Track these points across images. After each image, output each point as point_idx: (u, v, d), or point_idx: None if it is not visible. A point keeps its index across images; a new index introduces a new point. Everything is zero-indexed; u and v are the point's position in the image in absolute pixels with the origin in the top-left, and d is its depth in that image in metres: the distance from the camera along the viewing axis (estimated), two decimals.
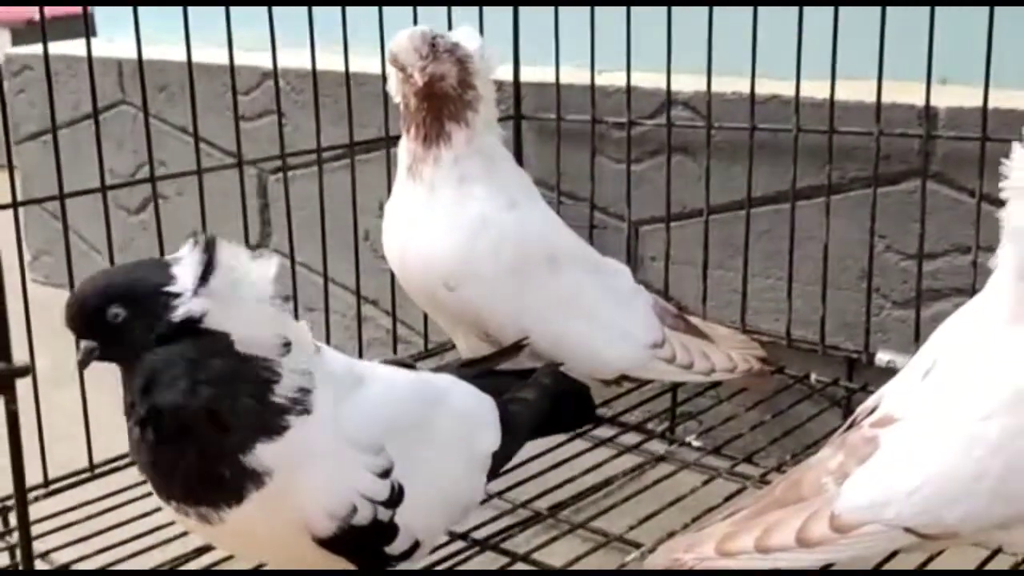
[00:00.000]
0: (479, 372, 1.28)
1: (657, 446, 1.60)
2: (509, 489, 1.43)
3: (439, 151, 1.45)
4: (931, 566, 1.18)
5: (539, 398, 1.26)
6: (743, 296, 1.67)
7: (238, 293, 0.98)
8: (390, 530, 1.06)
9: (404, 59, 1.42)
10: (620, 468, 1.49)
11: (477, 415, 1.19)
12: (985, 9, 1.39)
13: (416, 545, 1.09)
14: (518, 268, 1.44)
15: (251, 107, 2.10)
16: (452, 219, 1.43)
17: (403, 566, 1.10)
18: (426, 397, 1.15)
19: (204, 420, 0.96)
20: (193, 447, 0.97)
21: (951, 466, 1.04)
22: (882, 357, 1.58)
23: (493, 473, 1.20)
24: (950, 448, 1.04)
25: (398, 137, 1.58)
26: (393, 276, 1.65)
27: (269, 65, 1.56)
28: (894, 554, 1.14)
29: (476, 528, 1.34)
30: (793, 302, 1.63)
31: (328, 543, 1.03)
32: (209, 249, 0.97)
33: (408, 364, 1.26)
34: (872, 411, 1.13)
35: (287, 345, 1.00)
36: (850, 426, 1.14)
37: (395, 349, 1.82)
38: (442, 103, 1.45)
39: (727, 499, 1.35)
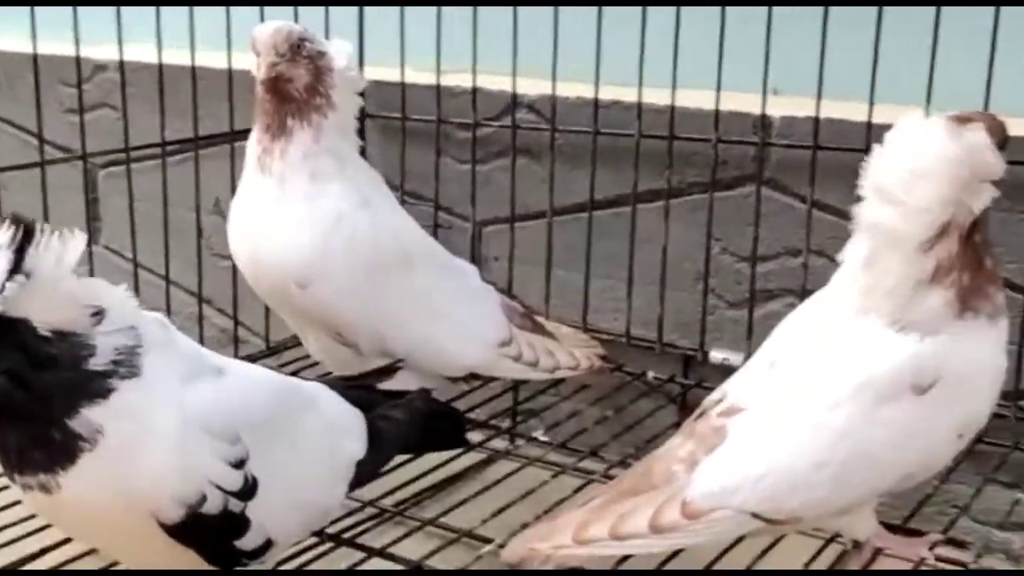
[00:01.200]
0: (351, 387, 1.28)
1: (501, 443, 1.63)
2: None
3: (286, 145, 1.45)
4: (773, 551, 1.24)
5: (410, 418, 1.26)
6: (585, 296, 1.72)
7: (38, 278, 0.95)
8: (241, 523, 1.05)
9: (259, 47, 1.43)
10: (465, 465, 1.52)
11: (342, 424, 1.19)
12: (818, 23, 1.48)
13: (269, 543, 1.09)
14: (372, 266, 1.45)
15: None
16: (305, 215, 1.43)
17: (254, 564, 1.10)
18: (290, 398, 1.15)
19: (22, 401, 0.95)
20: (20, 422, 0.97)
21: (796, 454, 1.10)
22: (716, 355, 1.65)
23: (357, 483, 1.20)
24: (795, 437, 1.10)
25: (242, 132, 1.57)
26: (234, 273, 1.64)
27: (100, 57, 1.53)
28: (741, 539, 1.20)
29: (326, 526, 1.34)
30: (633, 302, 1.69)
31: (175, 531, 1.01)
32: (16, 241, 0.95)
33: None
34: (719, 402, 1.18)
35: (98, 314, 0.99)
36: (699, 416, 1.19)
37: (236, 349, 1.80)
38: (285, 101, 1.46)
39: (574, 493, 1.39)
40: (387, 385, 1.33)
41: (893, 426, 1.09)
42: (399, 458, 1.43)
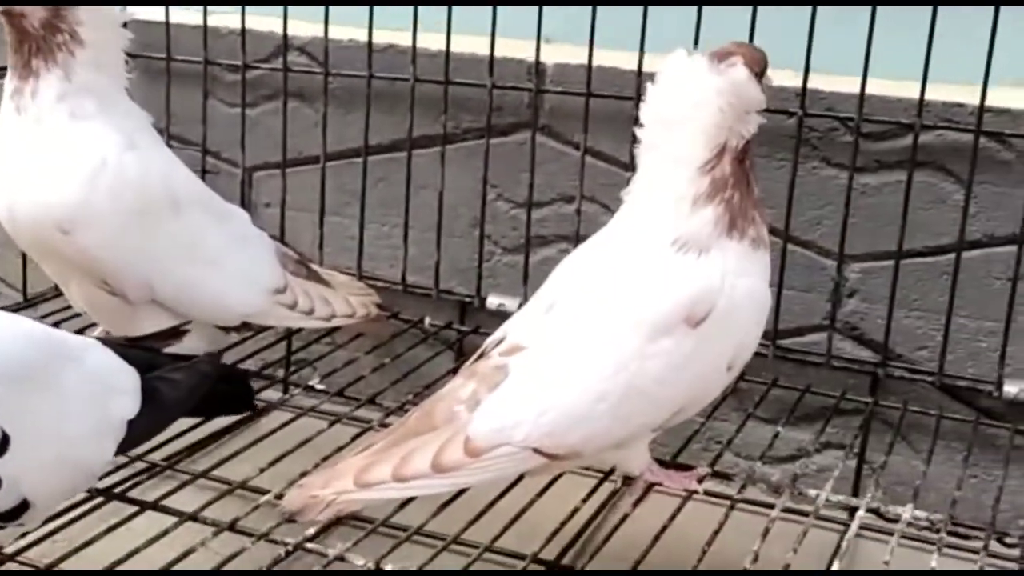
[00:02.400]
0: (132, 347, 1.22)
1: (276, 394, 1.61)
2: None
3: (35, 84, 1.38)
4: (550, 490, 1.28)
5: (194, 381, 1.21)
6: (360, 243, 1.72)
7: None
8: None
9: None
10: (238, 417, 1.49)
11: (112, 381, 1.14)
12: None
13: (25, 504, 1.04)
14: (140, 212, 1.39)
15: None
16: (68, 158, 1.35)
17: (11, 527, 1.05)
18: (50, 350, 1.09)
19: None
20: None
21: (576, 389, 1.13)
22: (493, 301, 1.67)
23: (130, 443, 1.15)
24: (575, 372, 1.13)
25: None
26: None
27: None
28: (521, 478, 1.23)
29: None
30: (409, 249, 1.70)
31: None
32: None
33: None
34: (500, 342, 1.20)
35: None
36: (479, 357, 1.21)
37: None
38: (24, 38, 1.38)
39: (351, 441, 1.38)
40: (175, 350, 1.28)
41: (668, 359, 1.14)
42: None
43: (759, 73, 1.17)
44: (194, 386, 1.21)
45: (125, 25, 1.46)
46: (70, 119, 1.38)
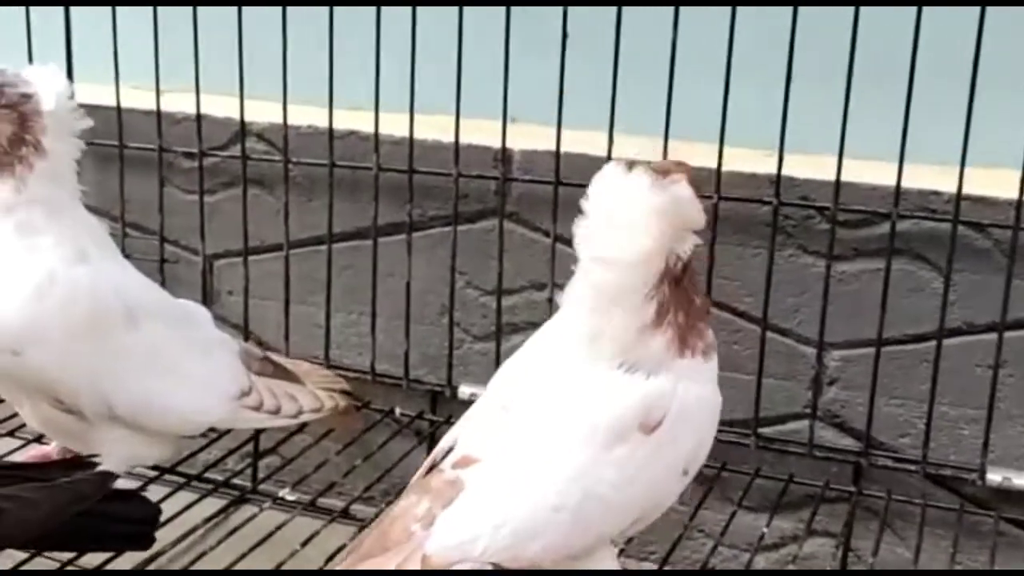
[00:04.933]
0: None
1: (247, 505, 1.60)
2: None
3: None
4: None
5: (59, 502, 1.15)
6: (327, 331, 1.72)
7: None
8: None
9: None
10: (211, 540, 1.47)
11: None
12: (556, 53, 1.50)
13: None
14: (92, 327, 1.38)
15: None
16: (15, 275, 1.34)
17: None
18: None
19: None
20: None
21: (533, 500, 1.14)
22: (465, 390, 1.68)
23: None
24: (532, 483, 1.15)
25: None
26: None
27: None
28: None
29: None
30: (377, 337, 1.70)
31: None
32: None
33: None
34: (448, 451, 1.21)
35: None
36: (430, 470, 1.21)
37: None
38: None
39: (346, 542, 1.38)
40: None
41: (624, 466, 1.15)
42: None
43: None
44: (59, 506, 1.16)
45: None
46: (17, 233, 1.36)
